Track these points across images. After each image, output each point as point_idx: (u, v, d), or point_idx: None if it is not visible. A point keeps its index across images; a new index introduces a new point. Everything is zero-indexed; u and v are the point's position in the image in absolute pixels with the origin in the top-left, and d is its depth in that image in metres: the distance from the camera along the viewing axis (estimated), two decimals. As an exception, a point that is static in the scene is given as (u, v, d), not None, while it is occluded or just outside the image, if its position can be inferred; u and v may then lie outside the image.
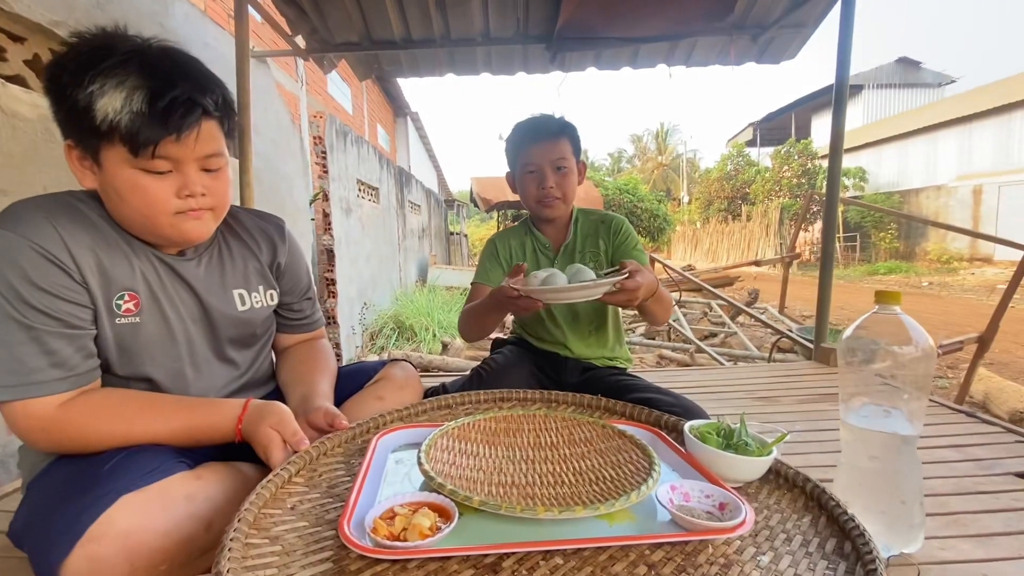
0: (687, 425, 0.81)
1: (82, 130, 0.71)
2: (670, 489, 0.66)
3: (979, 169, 12.98)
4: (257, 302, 0.96)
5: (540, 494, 0.66)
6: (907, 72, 18.92)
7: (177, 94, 0.71)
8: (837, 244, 14.55)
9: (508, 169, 1.39)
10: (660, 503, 0.63)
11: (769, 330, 4.52)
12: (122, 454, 0.70)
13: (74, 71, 0.69)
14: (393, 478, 0.73)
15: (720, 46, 2.72)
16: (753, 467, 0.73)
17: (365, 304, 5.10)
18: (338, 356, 4.14)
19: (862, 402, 0.83)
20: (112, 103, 0.68)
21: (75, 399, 0.73)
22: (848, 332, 0.85)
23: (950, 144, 13.93)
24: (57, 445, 0.73)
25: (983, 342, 2.72)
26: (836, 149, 2.04)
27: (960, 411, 1.46)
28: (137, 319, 0.80)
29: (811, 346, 2.21)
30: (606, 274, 1.07)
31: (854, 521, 0.62)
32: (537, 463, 0.76)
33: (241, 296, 0.94)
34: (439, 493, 0.63)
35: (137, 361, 0.81)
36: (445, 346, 4.83)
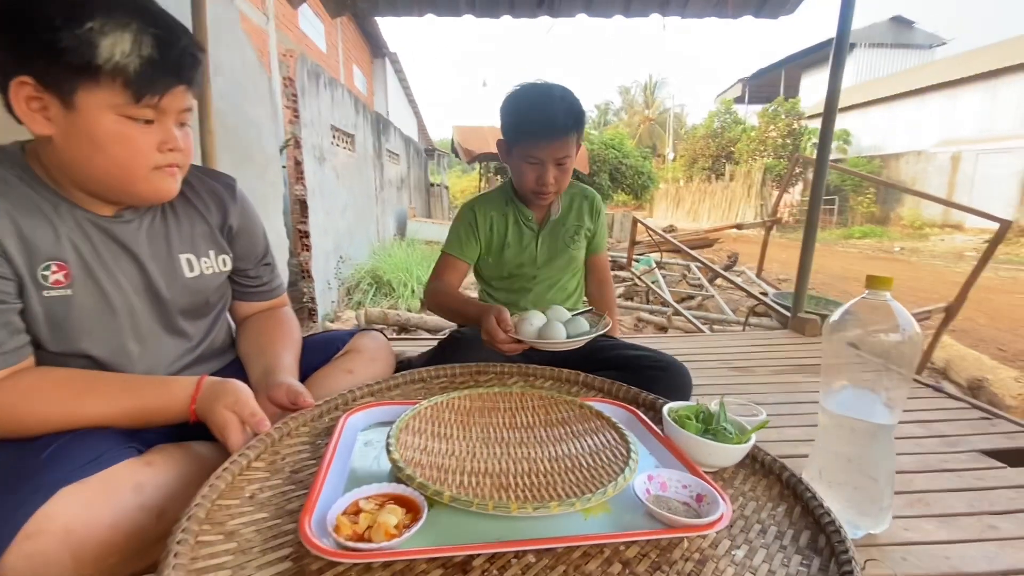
0: (666, 408, 0.79)
1: (57, 68, 0.64)
2: (647, 479, 0.64)
3: (961, 135, 13.07)
4: (208, 268, 0.89)
5: (514, 484, 0.63)
6: (900, 31, 18.61)
7: (185, 45, 0.71)
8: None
9: (502, 137, 1.25)
10: (637, 495, 0.61)
11: (746, 294, 4.59)
12: (63, 439, 0.65)
13: (64, 5, 0.64)
14: (361, 462, 0.70)
15: (718, -4, 2.57)
16: (731, 454, 0.72)
17: (341, 258, 4.97)
18: (312, 312, 4.06)
19: (844, 387, 0.82)
20: (120, 45, 0.65)
21: (5, 380, 0.67)
22: (835, 316, 0.82)
23: (936, 109, 13.93)
24: None
25: (950, 312, 2.79)
26: (831, 110, 1.96)
27: (927, 385, 1.49)
28: (68, 291, 0.73)
29: (787, 314, 2.23)
30: (580, 314, 1.15)
31: (830, 515, 0.61)
32: (512, 446, 0.73)
33: (189, 261, 0.87)
34: (407, 485, 0.60)
35: (72, 337, 0.74)
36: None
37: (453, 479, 0.63)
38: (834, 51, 1.89)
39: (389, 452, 0.65)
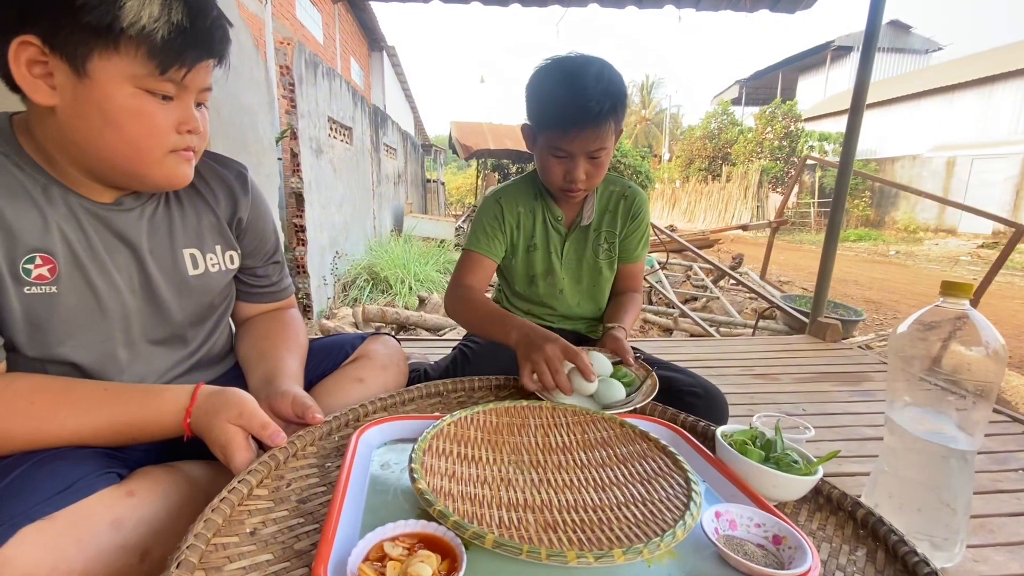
0: (719, 431, 0.71)
1: (71, 29, 0.55)
2: (714, 516, 0.56)
3: (956, 140, 13.13)
4: (213, 265, 0.79)
5: (562, 522, 0.54)
6: (897, 36, 18.68)
7: (217, 15, 0.64)
8: (812, 209, 14.82)
9: (525, 121, 1.08)
10: (707, 535, 0.53)
11: (749, 295, 4.53)
12: (27, 464, 0.55)
13: None
14: (379, 490, 0.61)
15: (735, -11, 2.50)
16: (799, 487, 0.64)
17: (337, 253, 4.84)
18: (308, 308, 3.94)
19: (914, 406, 0.73)
20: (149, 7, 0.57)
21: None
22: (904, 326, 0.74)
23: (931, 113, 14.00)
24: None
25: (962, 317, 2.74)
26: (858, 106, 1.88)
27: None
28: (53, 288, 0.63)
29: (804, 319, 2.16)
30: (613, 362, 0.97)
31: (928, 564, 0.53)
32: (550, 471, 0.64)
33: (193, 257, 0.77)
34: (439, 523, 0.51)
35: (53, 340, 0.64)
36: (422, 301, 4.69)
37: (492, 516, 0.54)
38: (863, 45, 1.82)
39: (414, 480, 0.55)
